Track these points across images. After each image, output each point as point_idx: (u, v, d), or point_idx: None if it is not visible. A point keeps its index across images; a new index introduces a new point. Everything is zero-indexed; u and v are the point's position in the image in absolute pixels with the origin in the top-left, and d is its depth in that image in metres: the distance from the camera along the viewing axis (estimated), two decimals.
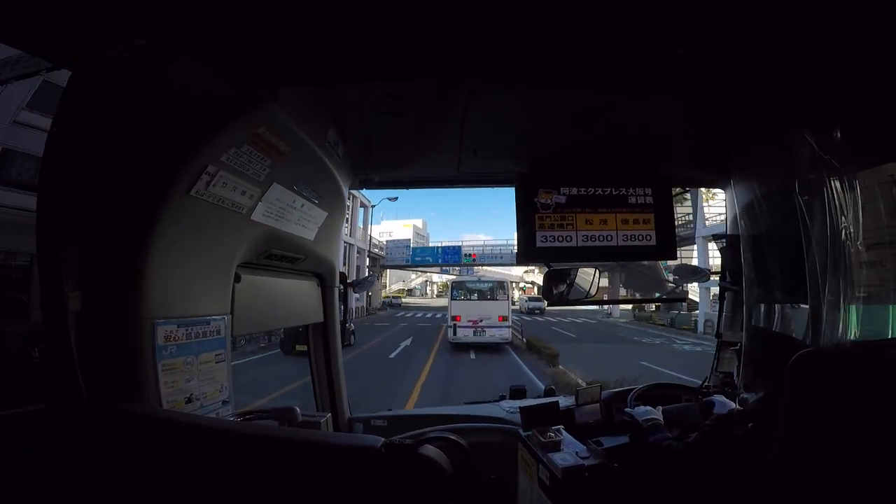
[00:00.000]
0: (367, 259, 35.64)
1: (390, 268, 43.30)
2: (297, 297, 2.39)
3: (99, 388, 1.25)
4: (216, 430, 1.20)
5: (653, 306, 32.50)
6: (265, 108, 1.42)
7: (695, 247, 21.76)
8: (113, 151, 1.32)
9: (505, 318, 19.01)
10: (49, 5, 1.00)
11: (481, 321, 18.58)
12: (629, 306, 34.46)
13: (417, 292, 62.76)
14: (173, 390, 1.37)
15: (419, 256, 40.11)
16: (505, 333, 18.91)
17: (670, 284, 3.36)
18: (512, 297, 21.40)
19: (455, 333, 18.69)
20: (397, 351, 17.69)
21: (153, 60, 1.18)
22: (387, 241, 43.55)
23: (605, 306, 34.12)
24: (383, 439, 1.05)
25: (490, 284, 20.63)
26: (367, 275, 29.36)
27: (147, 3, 1.04)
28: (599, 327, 30.42)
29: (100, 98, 1.30)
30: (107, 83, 1.27)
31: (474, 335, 18.50)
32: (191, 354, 1.43)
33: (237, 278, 1.70)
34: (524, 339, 19.92)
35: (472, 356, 16.79)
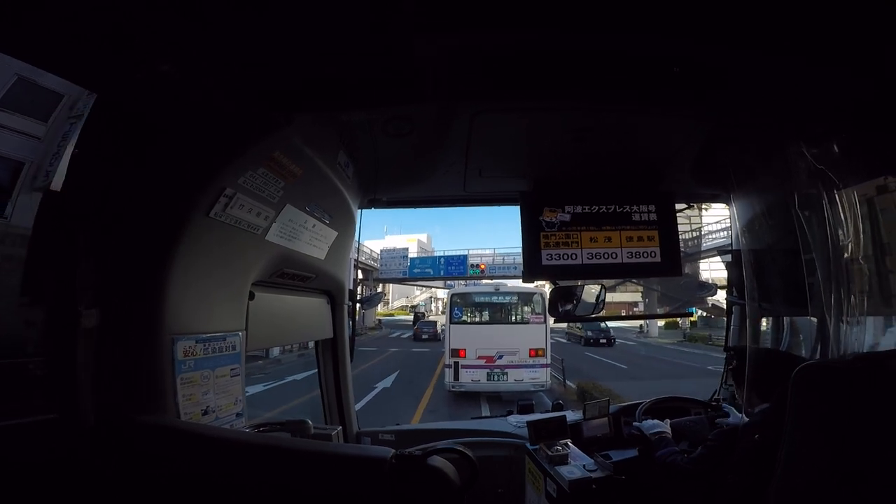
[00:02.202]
0: (357, 271, 29.10)
1: (385, 281, 37.44)
2: (307, 314, 2.44)
3: (119, 400, 1.29)
4: (233, 441, 1.24)
5: (685, 322, 31.08)
6: (280, 132, 1.48)
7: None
8: (135, 174, 1.38)
9: (540, 353, 11.95)
10: (78, 31, 1.07)
11: (500, 357, 11.82)
12: (661, 322, 32.07)
13: (421, 308, 62.29)
14: (191, 402, 1.41)
15: (418, 268, 34.28)
16: (539, 376, 11.82)
17: (711, 301, 3.39)
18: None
19: (457, 377, 11.81)
20: (366, 400, 11.50)
21: (176, 85, 1.26)
22: (381, 251, 36.55)
23: (641, 327, 32.13)
24: (393, 450, 1.08)
25: (512, 298, 13.01)
26: (374, 292, 29.01)
27: (170, 30, 1.11)
28: (644, 351, 23.47)
29: (124, 120, 1.37)
30: (133, 106, 1.34)
31: (489, 380, 11.76)
32: (207, 368, 1.47)
33: (251, 296, 1.75)
34: (571, 385, 13.05)
35: (486, 415, 9.28)
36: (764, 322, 2.59)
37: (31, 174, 1.59)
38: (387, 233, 59.94)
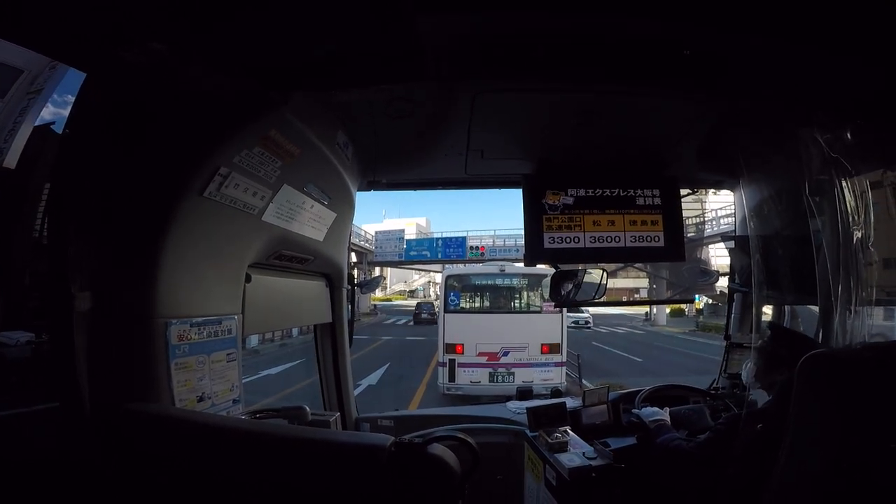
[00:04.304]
0: (351, 254, 26.15)
1: (380, 264, 36.12)
2: (305, 297, 2.41)
3: (112, 387, 1.27)
4: (229, 429, 1.22)
5: (691, 309, 30.87)
6: (276, 111, 1.44)
7: None
8: (127, 154, 1.34)
9: (554, 349, 9.81)
10: (66, 9, 1.02)
11: (505, 354, 9.69)
12: (668, 310, 30.74)
13: (420, 294, 62.17)
14: (186, 389, 1.38)
15: (414, 251, 32.80)
16: (553, 377, 9.66)
17: (719, 287, 3.41)
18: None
19: (452, 378, 9.72)
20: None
21: (168, 64, 1.21)
22: (376, 233, 35.18)
23: (648, 314, 31.70)
24: (392, 438, 1.06)
25: (521, 281, 10.83)
26: (372, 276, 28.88)
27: (162, 8, 1.06)
28: (655, 341, 21.72)
29: (115, 100, 1.32)
30: (123, 86, 1.29)
31: (492, 381, 9.61)
32: (203, 353, 1.44)
33: (248, 278, 1.72)
34: (588, 385, 8.97)
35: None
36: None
37: None
38: (385, 216, 59.67)
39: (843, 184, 1.69)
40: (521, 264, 10.75)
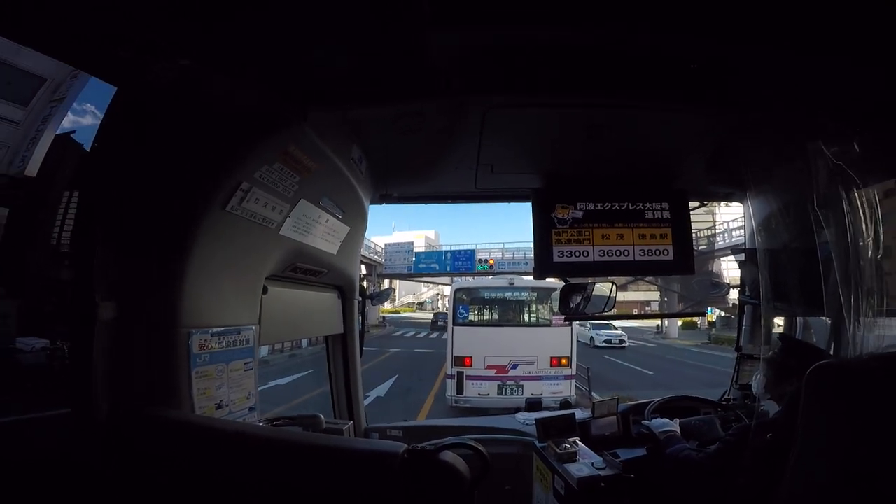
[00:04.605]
0: (361, 266, 25.44)
1: (389, 277, 35.97)
2: (318, 308, 2.45)
3: (134, 395, 1.31)
4: (248, 436, 1.25)
5: (703, 323, 30.53)
6: (296, 127, 1.49)
7: None
8: (154, 168, 1.39)
9: (564, 362, 9.77)
10: (98, 24, 1.09)
11: (514, 367, 9.64)
12: (680, 323, 30.62)
13: (428, 306, 61.94)
14: (205, 397, 1.42)
15: (423, 263, 33.25)
16: (562, 390, 9.55)
17: (731, 299, 3.40)
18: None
19: (461, 391, 9.70)
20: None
21: (196, 80, 1.27)
22: (385, 245, 35.89)
23: (659, 327, 31.22)
24: (405, 445, 1.09)
25: (530, 294, 10.79)
26: (383, 288, 28.88)
27: (190, 26, 1.12)
28: (667, 354, 21.59)
29: (144, 115, 1.38)
30: (151, 101, 1.35)
31: (500, 394, 9.57)
32: (222, 362, 1.49)
33: (264, 290, 1.77)
34: (598, 398, 5.46)
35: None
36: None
37: (7, 160, 1.60)
38: (395, 229, 59.79)
39: (852, 195, 1.70)
40: (531, 277, 10.67)
